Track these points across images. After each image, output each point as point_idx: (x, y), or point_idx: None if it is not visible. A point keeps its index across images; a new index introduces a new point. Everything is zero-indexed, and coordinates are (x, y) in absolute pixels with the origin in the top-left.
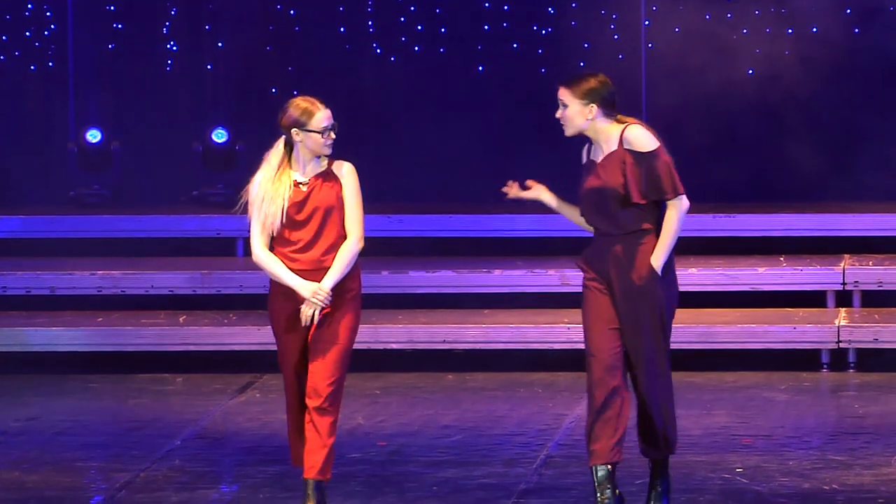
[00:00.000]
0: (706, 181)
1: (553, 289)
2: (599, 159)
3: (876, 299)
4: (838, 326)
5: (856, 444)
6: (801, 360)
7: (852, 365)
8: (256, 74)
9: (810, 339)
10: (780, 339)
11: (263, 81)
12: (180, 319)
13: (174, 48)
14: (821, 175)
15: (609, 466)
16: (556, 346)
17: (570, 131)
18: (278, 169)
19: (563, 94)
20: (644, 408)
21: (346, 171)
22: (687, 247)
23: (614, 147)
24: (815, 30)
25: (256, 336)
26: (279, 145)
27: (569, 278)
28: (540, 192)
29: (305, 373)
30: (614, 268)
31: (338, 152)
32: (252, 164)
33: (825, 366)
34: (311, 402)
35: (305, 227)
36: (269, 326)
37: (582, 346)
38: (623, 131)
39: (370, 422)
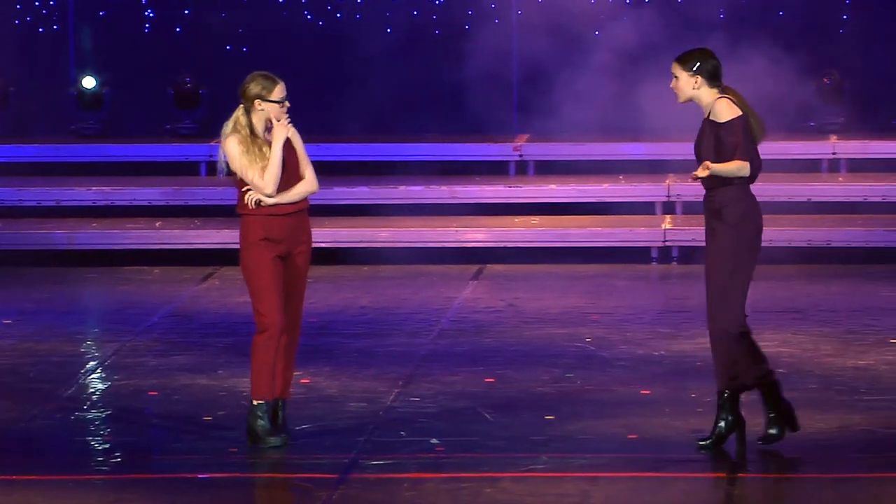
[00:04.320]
0: (563, 116)
1: (445, 200)
2: (702, 124)
3: (694, 208)
4: (664, 229)
5: (679, 320)
6: (636, 254)
7: (675, 259)
8: (214, 35)
9: (643, 239)
10: (620, 239)
11: (220, 40)
12: (157, 224)
13: (151, 15)
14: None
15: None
16: (448, 245)
17: (681, 99)
18: (250, 134)
19: (675, 68)
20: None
21: (293, 132)
22: (548, 168)
23: (706, 115)
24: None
25: (216, 237)
26: (240, 115)
27: (457, 192)
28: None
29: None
30: (717, 218)
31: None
32: (212, 104)
33: (654, 259)
34: (291, 334)
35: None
36: (242, 264)
37: (469, 243)
38: (714, 102)
39: (304, 304)
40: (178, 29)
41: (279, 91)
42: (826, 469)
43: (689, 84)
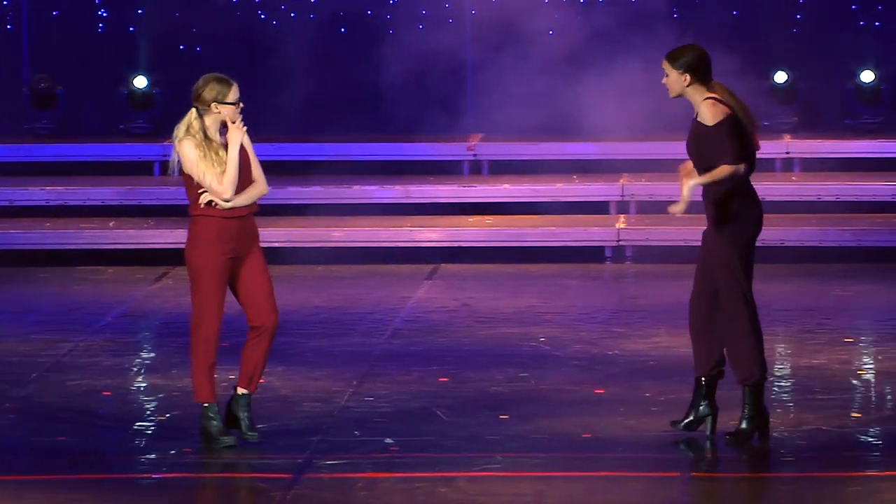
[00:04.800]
0: (517, 116)
1: (398, 200)
2: (692, 122)
3: (647, 208)
4: (618, 229)
5: (633, 319)
6: (590, 254)
7: (629, 258)
8: (168, 35)
9: (597, 238)
10: (574, 238)
11: (173, 40)
12: (110, 224)
13: (105, 14)
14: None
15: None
16: (402, 245)
17: (672, 94)
18: (204, 138)
19: (664, 65)
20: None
21: (245, 136)
22: (502, 168)
23: (695, 115)
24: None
25: (170, 237)
26: (193, 118)
27: (411, 192)
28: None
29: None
30: (717, 212)
31: None
32: (166, 104)
33: (608, 259)
34: (260, 330)
35: None
36: (191, 263)
37: (423, 243)
38: (700, 103)
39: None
40: (132, 28)
41: (234, 93)
42: (780, 468)
43: (678, 81)
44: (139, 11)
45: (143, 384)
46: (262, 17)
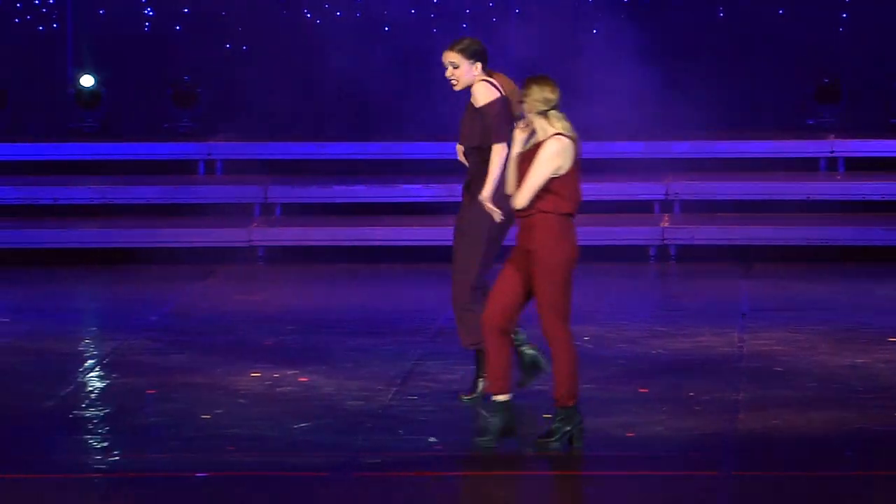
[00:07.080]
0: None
1: (442, 199)
2: (467, 106)
3: (692, 207)
4: (663, 228)
5: (676, 318)
6: (634, 253)
7: (673, 257)
8: (214, 33)
9: (641, 238)
10: (618, 237)
11: (219, 38)
12: (155, 223)
13: (150, 13)
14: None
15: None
16: (445, 243)
17: (461, 86)
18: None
19: (453, 57)
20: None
21: (546, 142)
22: None
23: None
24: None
25: (214, 236)
26: None
27: (454, 190)
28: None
29: None
30: (468, 193)
31: (265, 92)
32: (209, 103)
33: (652, 258)
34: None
35: None
36: None
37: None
38: (473, 85)
39: (301, 301)
40: (178, 27)
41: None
42: (822, 467)
43: (470, 71)
44: (185, 10)
45: (188, 382)
46: (308, 15)
